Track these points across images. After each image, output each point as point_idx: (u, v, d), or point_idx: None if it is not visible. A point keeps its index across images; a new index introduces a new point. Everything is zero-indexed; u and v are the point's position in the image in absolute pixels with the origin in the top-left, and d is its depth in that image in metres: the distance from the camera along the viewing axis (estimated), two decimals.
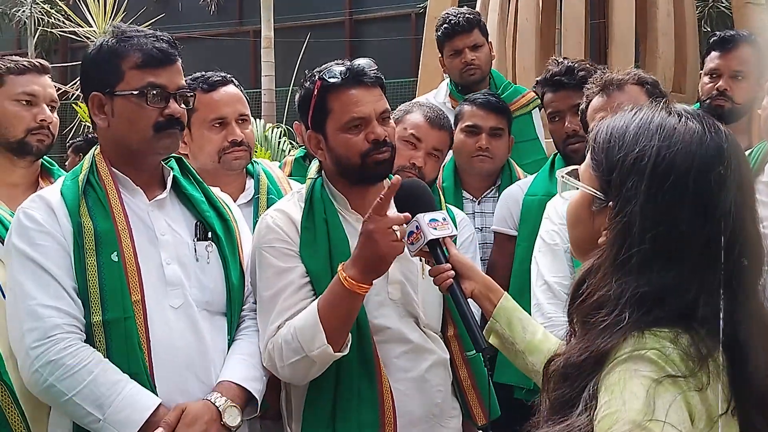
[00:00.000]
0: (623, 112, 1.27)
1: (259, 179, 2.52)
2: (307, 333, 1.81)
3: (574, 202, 1.31)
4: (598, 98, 2.30)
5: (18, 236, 1.82)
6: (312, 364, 1.84)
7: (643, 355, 1.09)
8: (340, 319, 1.82)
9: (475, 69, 3.54)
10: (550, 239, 2.36)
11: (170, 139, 1.90)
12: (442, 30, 3.60)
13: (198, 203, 1.99)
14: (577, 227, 1.31)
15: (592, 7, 5.95)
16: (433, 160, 2.68)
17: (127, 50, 1.87)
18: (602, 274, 1.17)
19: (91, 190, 1.88)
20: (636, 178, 1.16)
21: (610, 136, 1.23)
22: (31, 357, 1.74)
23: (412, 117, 2.68)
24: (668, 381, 1.07)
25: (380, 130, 1.93)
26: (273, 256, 1.94)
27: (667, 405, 1.05)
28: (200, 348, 1.87)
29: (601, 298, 1.16)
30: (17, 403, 1.86)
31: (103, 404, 1.73)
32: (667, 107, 1.23)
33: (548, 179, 2.79)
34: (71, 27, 10.45)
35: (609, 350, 1.12)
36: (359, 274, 1.78)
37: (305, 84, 2.00)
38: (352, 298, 1.80)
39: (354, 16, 14.04)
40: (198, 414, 1.78)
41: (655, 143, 1.16)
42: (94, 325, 1.78)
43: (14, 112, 2.28)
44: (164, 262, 1.88)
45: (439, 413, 2.01)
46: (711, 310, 1.13)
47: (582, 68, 2.75)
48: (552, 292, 2.28)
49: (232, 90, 2.47)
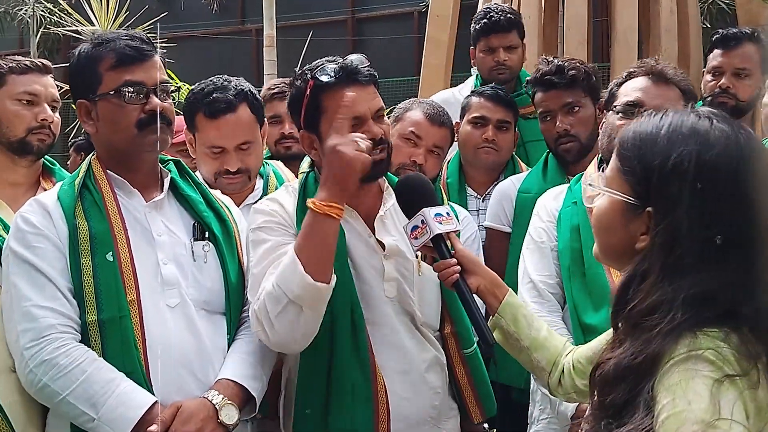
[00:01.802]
0: (647, 117, 1.29)
1: (269, 180, 2.51)
2: (287, 274, 1.74)
3: (604, 208, 1.31)
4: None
5: (15, 240, 1.84)
6: (299, 310, 1.74)
7: (700, 355, 1.12)
8: (316, 248, 1.75)
9: (506, 69, 3.46)
10: (538, 237, 2.35)
11: (156, 135, 1.88)
12: (481, 24, 3.50)
13: (195, 204, 1.99)
14: (608, 234, 1.32)
15: (595, 5, 5.94)
16: (434, 158, 2.67)
17: (102, 53, 1.89)
18: (653, 279, 1.19)
19: (87, 193, 1.89)
20: (679, 183, 1.18)
21: (640, 142, 1.25)
22: (26, 357, 1.75)
23: (412, 114, 2.68)
24: (728, 381, 1.10)
25: (376, 129, 1.89)
26: (266, 234, 1.90)
27: (731, 404, 1.08)
28: (198, 347, 1.86)
29: (654, 302, 1.18)
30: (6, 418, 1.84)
31: (96, 403, 1.72)
32: (694, 111, 1.26)
33: (541, 176, 2.79)
34: (74, 26, 10.45)
35: (664, 352, 1.14)
36: (327, 192, 1.75)
37: (297, 83, 1.96)
38: (325, 222, 1.75)
39: (356, 14, 14.03)
40: (194, 411, 1.77)
41: (693, 147, 1.19)
42: (90, 324, 1.78)
43: (15, 112, 2.28)
44: (161, 262, 1.88)
45: (436, 415, 1.98)
46: (753, 308, 1.15)
47: (572, 67, 2.72)
48: (537, 290, 2.28)
49: (237, 117, 2.33)
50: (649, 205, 1.22)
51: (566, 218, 2.30)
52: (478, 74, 3.66)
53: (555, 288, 2.27)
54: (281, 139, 3.02)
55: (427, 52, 5.54)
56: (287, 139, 3.00)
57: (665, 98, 2.15)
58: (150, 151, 1.92)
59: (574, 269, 2.21)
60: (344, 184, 1.76)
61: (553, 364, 1.72)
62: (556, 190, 2.46)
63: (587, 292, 2.18)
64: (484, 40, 3.50)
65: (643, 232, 1.23)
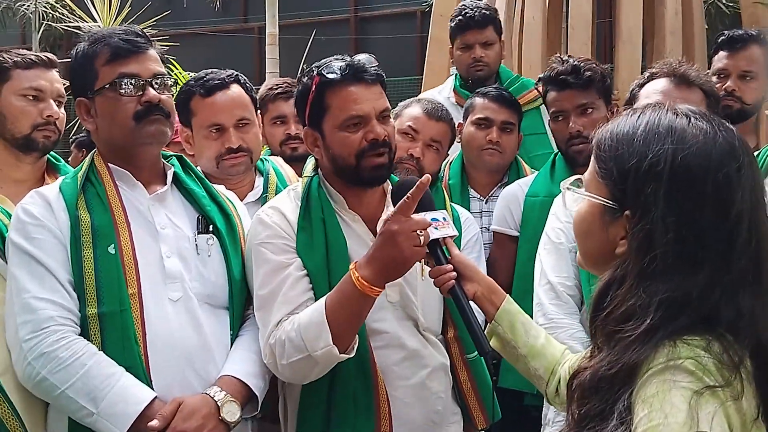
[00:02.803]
0: (624, 116, 1.24)
1: (269, 177, 2.50)
2: (312, 331, 1.74)
3: (583, 212, 1.27)
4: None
5: (15, 231, 1.82)
6: (314, 364, 1.76)
7: (679, 365, 1.07)
8: (347, 319, 1.74)
9: (483, 66, 3.50)
10: (556, 237, 2.33)
11: (154, 126, 1.87)
12: (456, 22, 3.55)
13: (199, 197, 1.98)
14: (588, 239, 1.27)
15: (599, 6, 5.92)
16: (432, 152, 2.66)
17: (98, 50, 1.89)
18: (628, 284, 1.15)
19: (90, 186, 1.88)
20: (654, 184, 1.14)
21: (617, 143, 1.20)
22: (24, 350, 1.73)
23: (410, 110, 2.69)
24: (708, 392, 1.05)
25: (380, 129, 1.87)
26: (269, 251, 1.89)
27: (710, 417, 1.03)
28: (200, 342, 1.84)
29: (629, 309, 1.14)
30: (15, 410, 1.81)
31: (96, 397, 1.70)
32: (672, 108, 1.21)
33: (549, 179, 2.76)
34: (76, 22, 10.45)
35: (641, 362, 1.10)
36: (373, 275, 1.70)
37: (303, 80, 1.95)
38: (362, 299, 1.73)
39: (359, 13, 14.03)
40: (195, 407, 1.75)
41: (669, 146, 1.14)
42: (90, 317, 1.76)
43: (20, 108, 2.26)
44: (164, 255, 1.86)
45: (439, 420, 1.96)
46: (733, 312, 1.11)
47: (588, 68, 2.70)
48: (555, 292, 2.26)
49: (231, 93, 2.40)
50: (627, 208, 1.17)
51: None
52: (458, 74, 3.69)
53: (573, 290, 2.25)
54: (287, 140, 2.98)
55: (429, 51, 5.52)
56: (293, 140, 2.96)
57: (687, 101, 2.10)
58: (149, 143, 1.90)
59: None
60: (394, 273, 1.73)
61: (550, 373, 1.67)
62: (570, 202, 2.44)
63: None
64: (460, 37, 3.54)
65: (623, 236, 1.18)
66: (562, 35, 5.80)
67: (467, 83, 3.56)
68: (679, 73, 2.18)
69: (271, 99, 3.02)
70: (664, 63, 2.26)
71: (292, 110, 2.94)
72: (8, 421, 1.77)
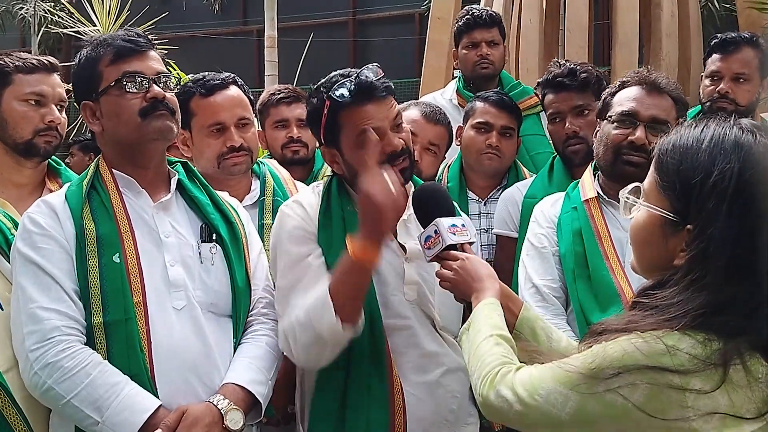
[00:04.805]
0: (687, 128, 1.25)
1: (265, 181, 2.51)
2: (318, 310, 1.79)
3: (642, 222, 1.29)
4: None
5: (22, 241, 1.83)
6: (324, 344, 1.80)
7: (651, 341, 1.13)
8: (348, 293, 1.79)
9: (488, 64, 3.56)
10: (538, 242, 2.36)
11: (160, 122, 1.89)
12: (464, 21, 3.62)
13: (203, 206, 1.99)
14: (647, 248, 1.30)
15: (596, 9, 5.96)
16: (430, 156, 2.69)
17: (100, 52, 1.91)
18: (672, 288, 1.19)
19: (95, 194, 1.89)
20: (716, 201, 1.16)
21: (680, 156, 1.22)
22: (31, 360, 1.74)
23: (408, 113, 2.71)
24: (655, 372, 1.12)
25: (396, 141, 1.91)
26: (290, 243, 1.93)
27: (633, 379, 1.13)
28: (204, 350, 1.85)
29: (664, 305, 1.18)
30: (19, 409, 1.82)
31: (101, 406, 1.71)
32: (738, 123, 1.22)
33: (547, 182, 2.80)
34: (75, 25, 10.46)
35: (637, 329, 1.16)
36: (362, 237, 1.76)
37: (313, 100, 1.98)
38: (360, 270, 1.78)
39: (358, 15, 14.04)
40: (199, 416, 1.76)
41: (735, 164, 1.16)
42: (95, 326, 1.78)
43: (22, 113, 2.26)
44: (168, 263, 1.87)
45: (454, 420, 1.98)
46: (759, 322, 1.15)
47: (584, 70, 2.76)
48: (541, 295, 2.28)
49: (231, 93, 2.44)
50: (689, 222, 1.19)
51: (567, 223, 2.31)
52: (461, 76, 3.73)
53: (558, 292, 2.28)
54: (289, 143, 3.02)
55: (427, 54, 5.55)
56: (295, 143, 3.00)
57: (659, 108, 2.20)
58: (156, 139, 1.91)
59: (579, 272, 2.22)
60: (378, 227, 1.77)
61: None
62: (553, 197, 2.48)
63: (593, 293, 2.19)
64: (467, 35, 3.60)
65: (682, 248, 1.20)
66: (559, 38, 5.82)
67: (470, 85, 3.61)
68: (650, 80, 2.25)
69: (273, 104, 3.06)
70: (635, 72, 2.32)
71: (293, 114, 2.99)
72: (12, 419, 1.78)
